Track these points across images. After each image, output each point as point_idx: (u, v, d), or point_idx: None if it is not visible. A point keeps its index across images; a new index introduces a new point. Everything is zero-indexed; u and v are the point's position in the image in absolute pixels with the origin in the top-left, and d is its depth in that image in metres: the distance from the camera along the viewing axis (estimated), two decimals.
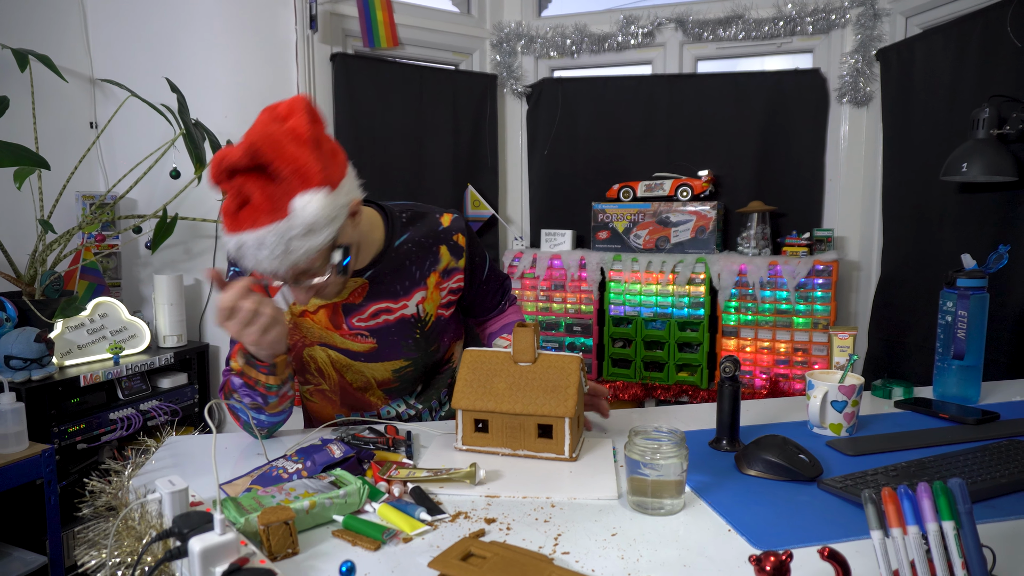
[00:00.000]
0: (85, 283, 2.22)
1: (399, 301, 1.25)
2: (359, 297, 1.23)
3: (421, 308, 1.26)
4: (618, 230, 2.75)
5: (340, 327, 1.24)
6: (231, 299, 0.97)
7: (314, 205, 0.95)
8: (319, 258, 1.03)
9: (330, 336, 1.25)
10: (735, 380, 1.12)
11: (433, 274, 1.27)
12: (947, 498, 0.64)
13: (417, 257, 1.25)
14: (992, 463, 1.00)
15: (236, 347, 1.12)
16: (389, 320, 1.25)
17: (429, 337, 1.30)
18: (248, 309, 0.98)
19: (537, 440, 1.07)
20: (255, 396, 1.12)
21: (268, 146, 0.94)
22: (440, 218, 1.29)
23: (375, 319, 1.24)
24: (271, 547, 0.78)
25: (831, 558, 0.63)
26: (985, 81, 2.00)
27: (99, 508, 0.98)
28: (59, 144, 2.25)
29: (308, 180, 0.95)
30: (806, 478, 0.98)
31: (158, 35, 2.38)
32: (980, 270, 1.37)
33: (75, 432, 1.95)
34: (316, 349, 1.27)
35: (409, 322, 1.26)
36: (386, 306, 1.24)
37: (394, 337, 1.26)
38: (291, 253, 0.97)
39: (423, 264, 1.26)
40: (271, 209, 0.95)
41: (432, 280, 1.27)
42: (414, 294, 1.25)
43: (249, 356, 1.09)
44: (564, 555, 0.78)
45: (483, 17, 3.04)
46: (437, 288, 1.28)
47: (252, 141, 0.94)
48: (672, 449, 0.89)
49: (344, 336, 1.25)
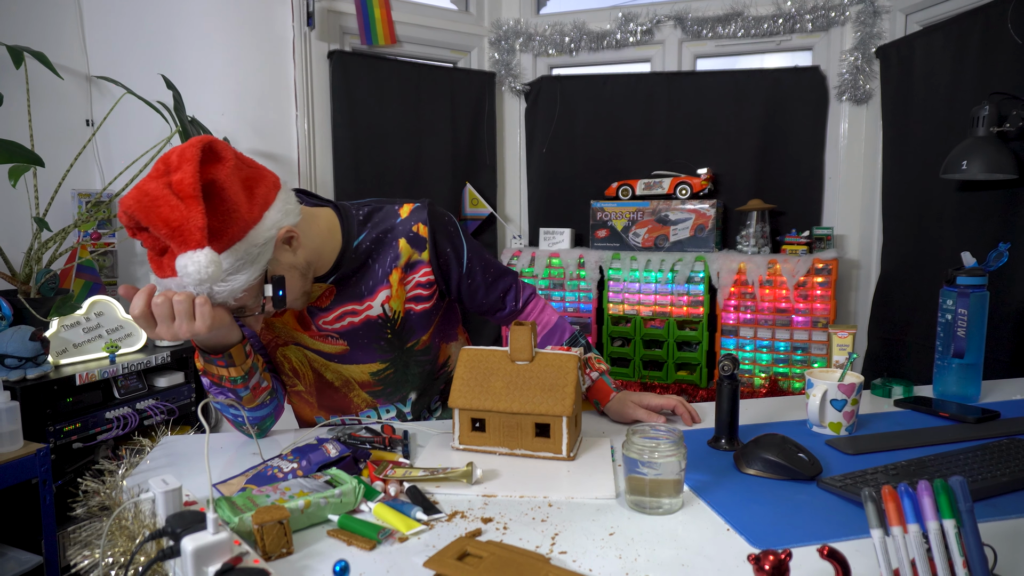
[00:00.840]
0: (81, 281, 2.21)
1: (363, 302, 1.21)
2: (326, 301, 1.20)
3: (387, 307, 1.22)
4: (617, 228, 2.75)
5: (308, 328, 1.21)
6: (139, 304, 0.93)
7: (193, 266, 0.89)
8: (248, 296, 1.00)
9: (300, 337, 1.22)
10: (734, 379, 1.11)
11: (395, 270, 1.21)
12: (948, 496, 0.64)
13: (376, 254, 1.20)
14: (993, 462, 0.99)
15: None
16: (355, 323, 1.21)
17: (401, 335, 1.26)
18: (160, 303, 0.93)
19: (534, 439, 1.06)
20: (226, 393, 1.10)
21: (141, 209, 0.89)
22: (399, 210, 1.23)
23: (340, 322, 1.21)
24: (265, 547, 0.77)
25: (831, 557, 0.62)
26: (985, 78, 2.00)
27: (92, 508, 0.97)
28: (55, 141, 2.24)
29: (187, 241, 0.88)
30: (805, 477, 0.97)
31: (154, 32, 2.37)
32: (980, 268, 1.37)
33: (71, 431, 1.94)
34: (291, 348, 1.24)
35: (377, 323, 1.22)
36: (351, 308, 1.21)
37: (364, 340, 1.23)
38: (220, 293, 0.96)
39: (384, 261, 1.21)
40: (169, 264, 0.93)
41: (395, 276, 1.21)
42: (378, 293, 1.21)
43: (204, 352, 1.06)
44: (561, 555, 0.77)
45: (481, 15, 3.03)
46: (402, 284, 1.22)
47: (127, 203, 0.90)
48: (670, 448, 0.88)
49: (313, 337, 1.22)
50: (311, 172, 2.61)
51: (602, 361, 1.32)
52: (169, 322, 0.94)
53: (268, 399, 1.18)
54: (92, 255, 2.24)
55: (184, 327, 0.94)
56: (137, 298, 0.94)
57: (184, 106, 2.12)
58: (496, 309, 1.35)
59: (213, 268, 0.90)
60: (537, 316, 1.37)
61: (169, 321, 0.94)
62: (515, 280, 1.36)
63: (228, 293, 0.97)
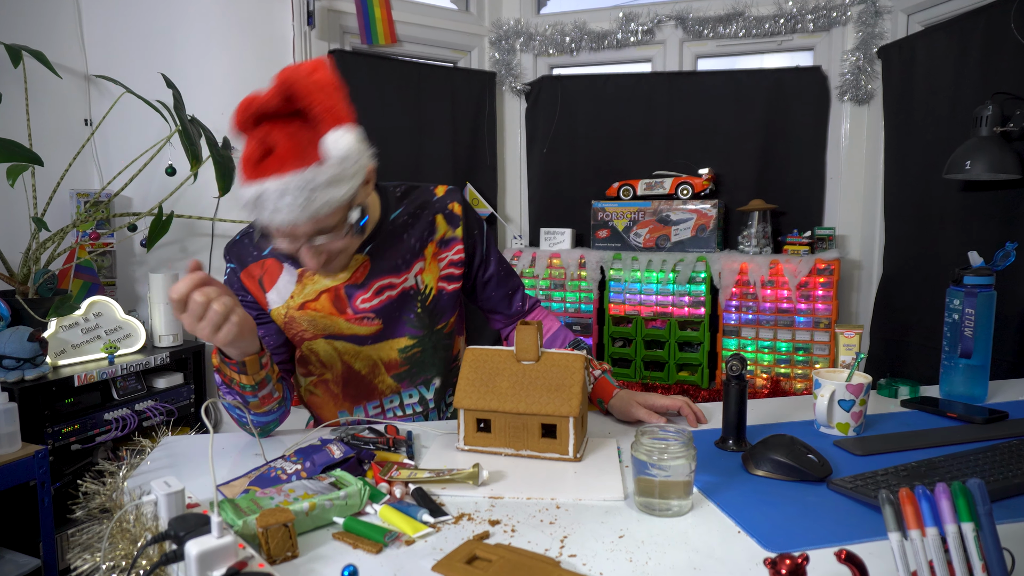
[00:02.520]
0: (79, 282, 2.19)
1: (400, 275, 1.24)
2: (361, 276, 1.21)
3: (420, 279, 1.25)
4: (618, 228, 2.74)
5: (344, 311, 1.22)
6: (181, 289, 0.92)
7: (346, 140, 0.95)
8: (338, 214, 1.02)
9: (335, 323, 1.22)
10: (742, 379, 1.10)
11: (431, 244, 1.26)
12: (966, 499, 0.63)
13: (413, 228, 1.25)
14: (1004, 463, 0.98)
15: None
16: (392, 296, 1.23)
17: (432, 313, 1.28)
18: (198, 302, 0.92)
19: (541, 440, 1.05)
20: (234, 395, 1.10)
21: (301, 88, 0.94)
22: (434, 190, 1.29)
23: (379, 296, 1.22)
24: (270, 550, 0.75)
25: (848, 560, 0.61)
26: (988, 78, 1.99)
27: (93, 510, 0.96)
28: (53, 141, 2.22)
29: (340, 119, 0.96)
30: (815, 478, 0.96)
31: (153, 31, 2.36)
32: (987, 267, 1.36)
33: (69, 433, 1.93)
34: (318, 342, 1.24)
35: (410, 294, 1.25)
36: (388, 281, 1.23)
37: (396, 313, 1.24)
38: (313, 202, 0.97)
39: (420, 235, 1.25)
40: (299, 155, 0.95)
41: (430, 250, 1.26)
42: (414, 265, 1.24)
43: (221, 353, 1.05)
44: (571, 558, 0.76)
45: (482, 14, 3.02)
46: (435, 259, 1.26)
47: (284, 83, 0.95)
48: (680, 449, 0.87)
49: (349, 320, 1.23)
50: None
51: (603, 364, 1.34)
52: (196, 320, 0.94)
53: (276, 407, 1.17)
54: (91, 255, 2.22)
55: (206, 332, 0.94)
56: (183, 283, 0.92)
57: (184, 105, 2.11)
58: (502, 307, 1.38)
59: (357, 152, 0.97)
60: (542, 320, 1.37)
61: (196, 319, 0.94)
62: (522, 284, 1.42)
63: (326, 203, 0.98)
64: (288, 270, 1.22)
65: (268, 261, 1.22)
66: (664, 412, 1.25)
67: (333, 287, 1.21)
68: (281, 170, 0.95)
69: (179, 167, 2.22)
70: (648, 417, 1.20)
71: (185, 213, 2.30)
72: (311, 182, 0.95)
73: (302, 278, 1.21)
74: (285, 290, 1.22)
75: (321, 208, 0.98)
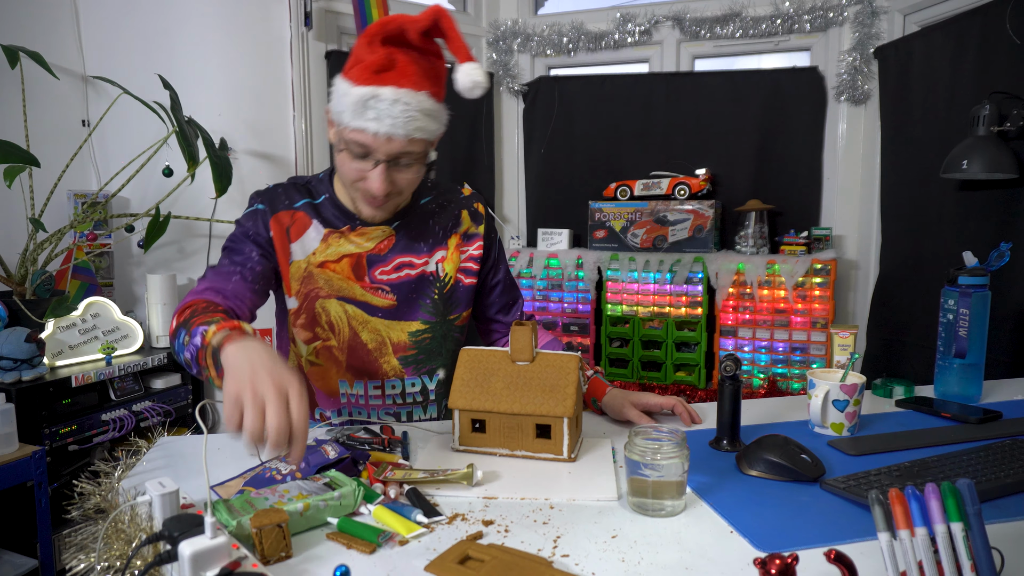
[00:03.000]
0: (77, 282, 2.20)
1: (421, 257, 1.28)
2: (384, 248, 1.25)
3: (440, 267, 1.29)
4: (615, 229, 2.74)
5: (362, 279, 1.25)
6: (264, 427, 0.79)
7: (477, 71, 1.03)
8: (423, 145, 1.11)
9: (350, 288, 1.25)
10: (736, 379, 1.10)
11: (454, 235, 1.31)
12: (955, 499, 0.63)
13: (440, 217, 1.31)
14: (996, 463, 0.99)
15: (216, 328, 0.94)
16: (411, 275, 1.27)
17: (448, 301, 1.31)
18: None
19: (535, 440, 1.05)
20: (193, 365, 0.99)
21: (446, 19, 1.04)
22: (461, 188, 1.38)
23: (397, 272, 1.26)
24: (264, 550, 0.76)
25: (838, 560, 0.61)
26: (984, 78, 1.99)
27: (88, 511, 0.96)
28: (50, 142, 2.22)
29: (470, 56, 1.05)
30: (808, 478, 0.96)
31: (151, 32, 2.36)
32: (982, 268, 1.36)
33: (66, 433, 1.93)
34: (331, 302, 1.25)
35: (428, 279, 1.28)
36: (409, 260, 1.27)
37: (413, 294, 1.27)
38: (415, 121, 1.05)
39: (445, 225, 1.31)
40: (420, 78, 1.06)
41: (453, 241, 1.31)
42: (436, 251, 1.29)
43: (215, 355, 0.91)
44: (564, 558, 0.76)
45: (479, 15, 3.03)
46: (457, 250, 1.32)
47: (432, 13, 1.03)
48: (673, 449, 0.87)
49: (365, 288, 1.25)
50: (308, 172, 2.59)
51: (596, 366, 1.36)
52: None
53: None
54: (88, 256, 2.22)
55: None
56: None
57: (181, 106, 2.11)
58: (502, 314, 1.42)
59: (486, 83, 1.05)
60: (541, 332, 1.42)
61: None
62: (522, 297, 1.47)
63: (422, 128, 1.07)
64: (316, 226, 1.24)
65: (298, 213, 1.24)
66: (658, 411, 1.25)
67: (356, 253, 1.24)
68: (399, 83, 1.04)
69: (176, 168, 2.23)
70: (639, 419, 1.21)
71: (182, 214, 2.30)
72: (422, 104, 1.06)
73: (327, 238, 1.24)
74: (309, 245, 1.24)
75: (417, 131, 1.07)
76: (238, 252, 1.22)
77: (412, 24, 1.03)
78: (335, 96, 1.10)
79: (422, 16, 1.04)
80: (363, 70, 1.05)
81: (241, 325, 0.96)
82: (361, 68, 1.05)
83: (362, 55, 1.07)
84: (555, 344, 1.41)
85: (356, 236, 1.25)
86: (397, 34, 1.05)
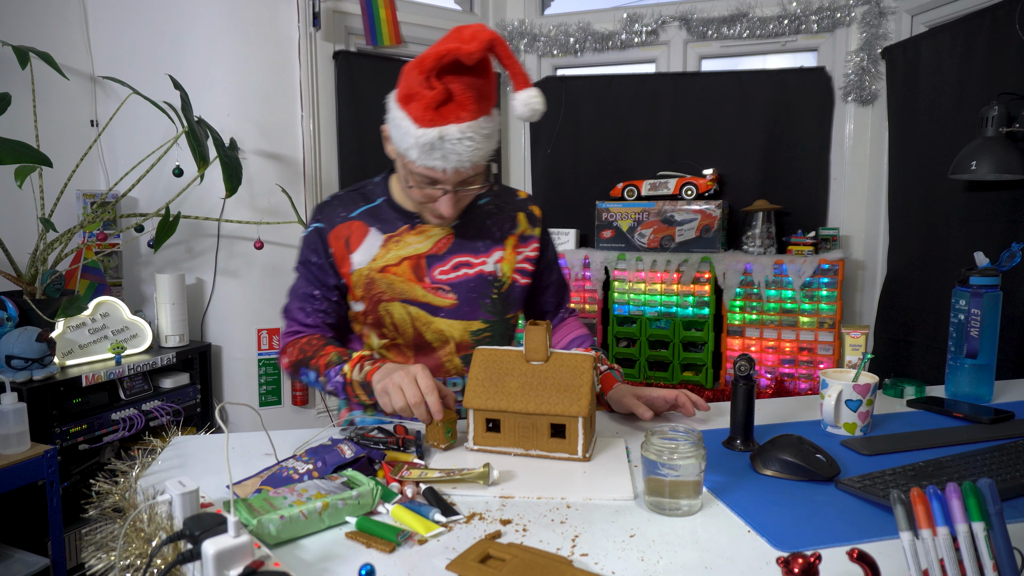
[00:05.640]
0: (86, 282, 2.20)
1: (479, 256, 1.31)
2: (443, 248, 1.29)
3: (499, 268, 1.32)
4: (622, 229, 2.74)
5: (423, 279, 1.28)
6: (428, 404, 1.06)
7: (535, 98, 1.07)
8: (484, 165, 1.16)
9: (411, 289, 1.28)
10: (749, 379, 1.10)
11: (511, 236, 1.35)
12: (977, 499, 0.63)
13: (497, 218, 1.34)
14: (1011, 463, 0.99)
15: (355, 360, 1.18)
16: (468, 274, 1.30)
17: (506, 301, 1.34)
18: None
19: (550, 440, 1.05)
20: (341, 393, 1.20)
21: (502, 46, 1.06)
22: (518, 192, 1.42)
23: (456, 272, 1.29)
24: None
25: (860, 560, 0.62)
26: (993, 79, 1.99)
27: (106, 509, 0.97)
28: (60, 142, 2.23)
29: (526, 82, 1.08)
30: (823, 478, 0.97)
31: (160, 32, 2.37)
32: (993, 268, 1.36)
33: (77, 433, 1.93)
34: (394, 305, 1.29)
35: (487, 279, 1.31)
36: (466, 260, 1.30)
37: (472, 294, 1.30)
38: (478, 151, 1.10)
39: (502, 226, 1.34)
40: (478, 105, 1.08)
41: (510, 242, 1.34)
42: (493, 252, 1.32)
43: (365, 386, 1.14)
44: (583, 557, 0.77)
45: (486, 15, 3.03)
46: (514, 251, 1.34)
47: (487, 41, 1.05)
48: (690, 449, 0.87)
49: (426, 289, 1.28)
50: (316, 172, 2.60)
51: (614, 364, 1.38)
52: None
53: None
54: (97, 256, 2.23)
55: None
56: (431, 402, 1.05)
57: (191, 106, 2.12)
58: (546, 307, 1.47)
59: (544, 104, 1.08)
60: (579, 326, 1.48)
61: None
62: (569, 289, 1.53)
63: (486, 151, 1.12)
64: (374, 233, 1.29)
65: (355, 223, 1.29)
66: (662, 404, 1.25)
67: (415, 255, 1.28)
68: (461, 118, 1.07)
69: (186, 168, 2.23)
70: (636, 407, 1.21)
71: (191, 214, 2.31)
72: (482, 129, 1.09)
73: (387, 243, 1.28)
74: (369, 252, 1.28)
75: (482, 158, 1.12)
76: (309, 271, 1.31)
77: (468, 57, 1.05)
78: (396, 129, 1.13)
79: (475, 48, 1.05)
80: (424, 109, 1.07)
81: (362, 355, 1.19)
82: (422, 106, 1.07)
83: (418, 89, 1.08)
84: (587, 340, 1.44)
85: (414, 235, 1.29)
86: (453, 64, 1.06)
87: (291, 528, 0.80)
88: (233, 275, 2.46)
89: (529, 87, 1.08)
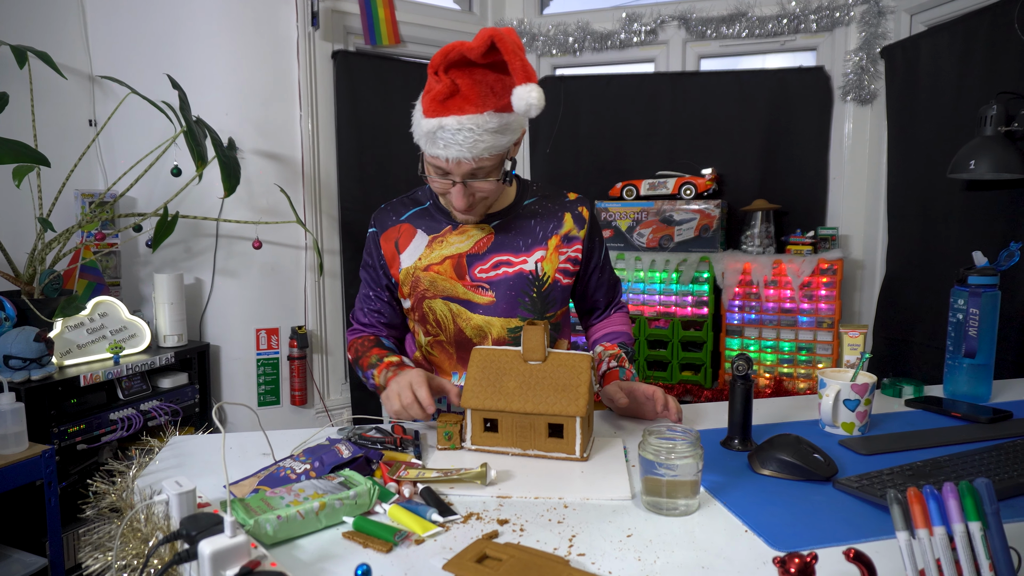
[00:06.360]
0: (84, 282, 2.20)
1: (519, 256, 1.33)
2: (483, 247, 1.32)
3: (539, 267, 1.34)
4: (621, 228, 2.74)
5: (463, 278, 1.32)
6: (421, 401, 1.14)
7: (536, 93, 1.05)
8: (495, 160, 1.17)
9: (453, 287, 1.32)
10: (747, 379, 1.10)
11: (555, 236, 1.35)
12: (973, 498, 0.63)
13: (542, 218, 1.36)
14: (1009, 462, 0.99)
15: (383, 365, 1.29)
16: (508, 272, 1.32)
17: (546, 300, 1.35)
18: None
19: (547, 440, 1.05)
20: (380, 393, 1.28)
21: (507, 43, 1.05)
22: (567, 193, 1.42)
23: (495, 270, 1.32)
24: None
25: (857, 559, 0.62)
26: (991, 78, 1.99)
27: (103, 510, 0.96)
28: (58, 142, 2.23)
29: (531, 77, 1.07)
30: (821, 478, 0.97)
31: (158, 32, 2.36)
32: (992, 267, 1.36)
33: (75, 432, 1.93)
34: (436, 302, 1.34)
35: (527, 279, 1.33)
36: (507, 259, 1.32)
37: (512, 292, 1.32)
38: (479, 143, 1.11)
39: (547, 226, 1.35)
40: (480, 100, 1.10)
41: (553, 242, 1.35)
42: (534, 251, 1.33)
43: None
44: (580, 557, 0.77)
45: (485, 14, 3.03)
46: (557, 251, 1.35)
47: (490, 36, 1.05)
48: (687, 449, 0.87)
49: (467, 287, 1.32)
50: (315, 172, 2.60)
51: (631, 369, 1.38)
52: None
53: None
54: (96, 256, 2.23)
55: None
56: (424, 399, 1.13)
57: (189, 106, 2.11)
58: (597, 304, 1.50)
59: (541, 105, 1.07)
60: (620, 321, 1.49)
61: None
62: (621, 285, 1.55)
63: (490, 147, 1.13)
64: (420, 235, 1.35)
65: (404, 226, 1.36)
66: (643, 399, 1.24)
67: (456, 255, 1.32)
68: (463, 110, 1.10)
69: (184, 168, 2.23)
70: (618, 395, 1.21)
71: (190, 214, 2.31)
72: (487, 124, 1.10)
73: (431, 243, 1.34)
74: (416, 252, 1.34)
75: (484, 151, 1.13)
76: (367, 274, 1.41)
77: (470, 51, 1.07)
78: (414, 121, 1.18)
79: (476, 44, 1.07)
80: (431, 100, 1.12)
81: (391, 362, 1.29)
82: (430, 98, 1.12)
83: (430, 84, 1.13)
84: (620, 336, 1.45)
85: (456, 235, 1.33)
86: (458, 59, 1.09)
87: (288, 528, 0.80)
88: (232, 275, 2.46)
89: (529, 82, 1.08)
